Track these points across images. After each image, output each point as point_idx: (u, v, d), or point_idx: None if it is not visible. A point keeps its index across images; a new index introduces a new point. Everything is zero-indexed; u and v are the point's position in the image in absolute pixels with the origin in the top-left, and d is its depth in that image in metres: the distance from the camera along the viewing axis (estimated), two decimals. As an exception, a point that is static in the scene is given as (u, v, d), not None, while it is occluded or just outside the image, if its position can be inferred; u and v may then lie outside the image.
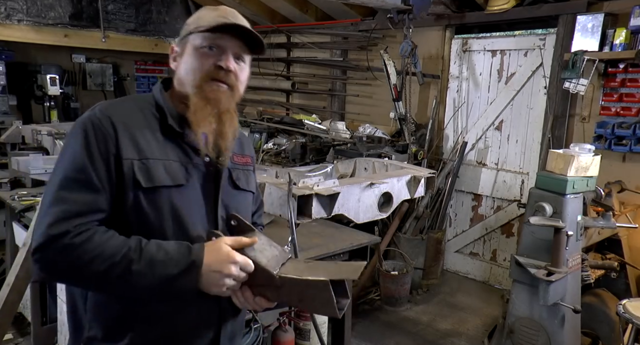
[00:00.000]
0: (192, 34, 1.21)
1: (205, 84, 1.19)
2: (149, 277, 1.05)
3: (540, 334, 2.70)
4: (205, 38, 1.18)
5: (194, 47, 1.20)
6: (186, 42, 1.22)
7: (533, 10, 3.91)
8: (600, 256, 3.27)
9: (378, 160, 3.22)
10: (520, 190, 4.27)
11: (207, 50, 1.19)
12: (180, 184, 1.16)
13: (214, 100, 1.19)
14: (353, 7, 4.94)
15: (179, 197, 1.15)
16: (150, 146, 1.15)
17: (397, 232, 4.31)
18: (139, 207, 1.12)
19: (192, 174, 1.19)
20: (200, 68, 1.19)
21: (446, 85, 4.65)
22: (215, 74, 1.19)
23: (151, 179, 1.12)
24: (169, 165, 1.16)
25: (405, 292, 4.06)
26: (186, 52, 1.22)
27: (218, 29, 1.17)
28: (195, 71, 1.19)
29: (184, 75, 1.22)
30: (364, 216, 2.40)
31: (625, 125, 3.43)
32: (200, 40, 1.19)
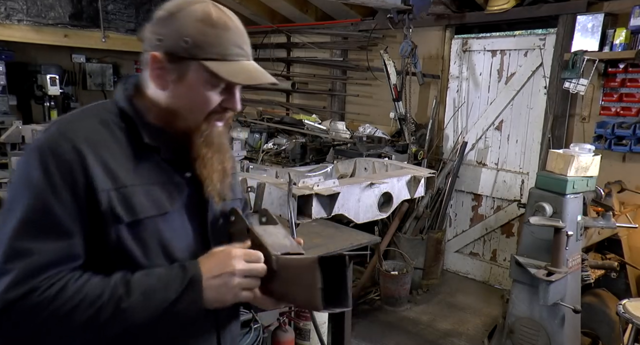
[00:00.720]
0: (198, 61, 0.98)
1: (206, 126, 1.04)
2: (144, 309, 0.93)
3: (540, 334, 2.70)
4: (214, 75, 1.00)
5: (197, 82, 1.00)
6: (187, 68, 0.99)
7: (533, 10, 3.91)
8: (600, 256, 3.27)
9: (378, 160, 3.22)
10: (520, 190, 4.27)
11: (212, 86, 1.01)
12: (165, 212, 1.01)
13: (218, 146, 1.06)
14: (353, 7, 4.93)
15: (166, 227, 1.01)
16: (125, 170, 0.98)
17: (397, 232, 4.31)
18: (122, 246, 0.96)
19: (175, 197, 1.04)
20: (206, 109, 1.03)
21: (446, 85, 4.65)
22: (221, 115, 1.06)
23: (133, 211, 0.96)
24: (150, 190, 1.00)
25: (405, 292, 4.06)
26: (187, 81, 1.00)
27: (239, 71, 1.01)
28: (200, 111, 1.03)
29: (179, 109, 1.02)
30: (364, 216, 2.41)
31: (625, 125, 3.43)
32: (208, 76, 0.99)
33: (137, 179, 0.99)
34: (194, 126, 1.03)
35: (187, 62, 0.99)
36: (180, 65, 0.99)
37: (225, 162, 1.09)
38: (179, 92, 1.01)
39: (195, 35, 0.98)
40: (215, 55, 0.98)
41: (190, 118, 1.03)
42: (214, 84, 1.00)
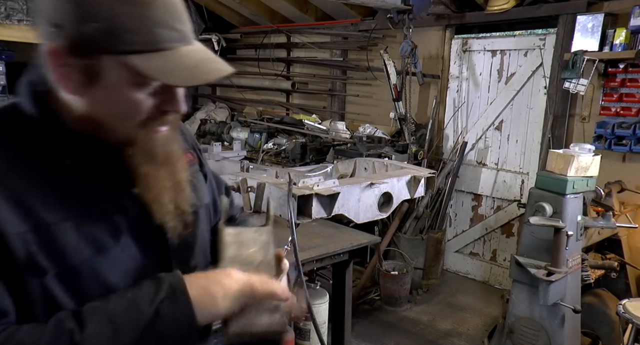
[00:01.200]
0: (114, 55, 0.71)
1: (144, 136, 0.79)
2: (111, 339, 0.70)
3: (540, 334, 2.70)
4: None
5: (124, 83, 0.73)
6: (101, 66, 0.72)
7: (533, 10, 3.91)
8: (600, 256, 3.27)
9: (378, 160, 3.22)
10: (520, 190, 4.27)
11: (140, 85, 0.74)
12: (108, 248, 0.77)
13: (165, 157, 0.82)
14: (353, 7, 4.93)
15: (110, 268, 0.77)
16: (43, 202, 0.73)
17: (397, 232, 4.31)
18: (51, 302, 0.73)
19: (120, 225, 0.79)
20: (137, 117, 0.76)
21: (446, 85, 4.65)
22: (161, 120, 0.79)
23: (60, 256, 0.72)
24: (83, 224, 0.75)
25: (405, 292, 4.06)
26: (103, 83, 0.73)
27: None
28: (129, 120, 0.76)
29: (102, 118, 0.77)
30: (364, 216, 2.41)
31: (625, 125, 3.43)
32: (131, 74, 0.72)
33: (62, 212, 0.74)
34: (126, 138, 0.78)
35: (100, 58, 0.71)
36: (91, 62, 0.72)
37: (177, 173, 0.86)
38: (96, 97, 0.74)
39: (105, 17, 0.69)
40: (137, 46, 0.70)
41: (119, 129, 0.77)
42: (142, 84, 0.74)
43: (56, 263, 0.73)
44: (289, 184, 1.55)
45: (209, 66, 0.77)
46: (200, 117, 6.41)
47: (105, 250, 0.77)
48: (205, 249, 0.98)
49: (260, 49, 6.17)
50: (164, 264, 0.86)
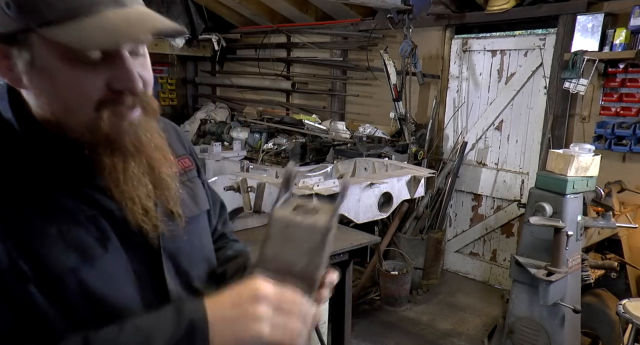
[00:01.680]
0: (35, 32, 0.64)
1: (104, 123, 0.69)
2: None
3: (540, 334, 2.70)
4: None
5: (53, 62, 0.66)
6: (29, 47, 0.65)
7: (533, 10, 3.91)
8: (600, 256, 3.27)
9: (378, 160, 3.22)
10: (520, 190, 4.27)
11: (81, 62, 0.66)
12: (96, 257, 0.72)
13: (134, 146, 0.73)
14: (353, 7, 4.93)
15: (98, 277, 0.71)
16: (22, 210, 0.68)
17: (397, 232, 4.31)
18: (33, 309, 0.67)
19: (108, 232, 0.73)
20: (86, 99, 0.68)
21: (446, 85, 4.65)
22: (117, 102, 0.70)
23: (44, 264, 0.67)
24: (69, 231, 0.70)
25: (405, 292, 4.06)
26: (37, 67, 0.66)
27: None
28: (78, 105, 0.68)
29: (53, 111, 0.70)
30: (364, 216, 2.41)
31: (625, 125, 3.43)
32: (62, 47, 0.64)
33: (47, 219, 0.69)
34: (85, 129, 0.69)
35: (25, 38, 0.65)
36: (20, 46, 0.66)
37: (157, 166, 0.77)
38: (41, 85, 0.68)
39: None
40: (53, 16, 0.62)
41: (74, 120, 0.69)
42: (78, 59, 0.65)
43: (38, 271, 0.67)
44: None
45: (142, 24, 0.66)
46: (200, 117, 6.42)
47: (92, 258, 0.71)
48: (209, 257, 0.91)
49: (260, 49, 6.17)
50: (156, 272, 0.78)
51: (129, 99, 0.70)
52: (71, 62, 0.66)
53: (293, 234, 0.69)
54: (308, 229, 0.69)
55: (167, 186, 0.79)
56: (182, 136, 0.99)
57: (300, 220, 0.69)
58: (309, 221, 0.69)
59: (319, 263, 0.69)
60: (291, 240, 0.69)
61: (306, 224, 0.69)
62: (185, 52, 6.38)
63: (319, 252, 0.69)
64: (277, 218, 0.70)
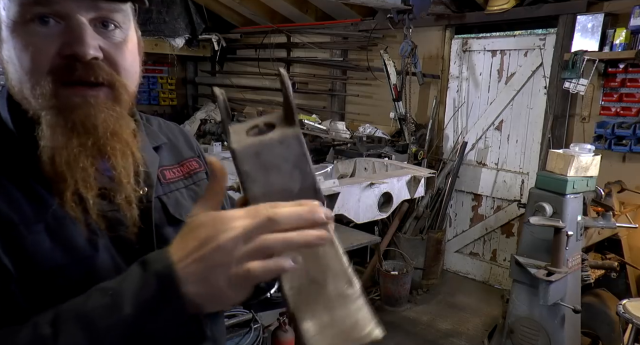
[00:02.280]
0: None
1: (54, 94, 0.66)
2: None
3: (540, 334, 2.70)
4: (26, 2, 0.64)
5: (12, 23, 0.65)
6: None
7: (533, 10, 3.91)
8: (600, 256, 3.27)
9: (378, 160, 3.22)
10: (520, 190, 4.27)
11: (38, 26, 0.65)
12: (86, 256, 0.68)
13: (82, 124, 0.67)
14: (353, 7, 4.93)
15: (85, 275, 0.67)
16: (12, 202, 0.65)
17: (397, 232, 4.30)
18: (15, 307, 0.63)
19: (99, 231, 0.70)
20: (35, 64, 0.65)
21: (446, 85, 4.65)
22: (67, 71, 0.66)
23: (29, 260, 0.64)
24: (58, 229, 0.67)
25: (405, 292, 4.06)
26: (2, 33, 0.67)
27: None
28: (28, 71, 0.66)
29: (15, 80, 0.68)
30: (364, 216, 2.41)
31: (625, 125, 3.43)
32: (17, 7, 0.64)
33: (36, 213, 0.66)
34: (38, 101, 0.66)
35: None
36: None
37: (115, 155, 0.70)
38: (3, 52, 0.67)
39: None
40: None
41: (28, 87, 0.66)
42: (27, 17, 0.64)
43: (20, 266, 0.63)
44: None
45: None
46: (200, 117, 6.42)
47: (82, 257, 0.68)
48: None
49: (260, 49, 6.17)
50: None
51: (80, 69, 0.65)
52: (25, 23, 0.64)
53: (269, 158, 0.57)
54: (280, 144, 0.57)
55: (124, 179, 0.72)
56: (191, 139, 0.95)
57: (266, 140, 0.57)
58: (274, 136, 0.58)
59: (312, 170, 0.59)
60: (271, 165, 0.57)
61: (275, 139, 0.57)
62: (185, 52, 6.38)
63: (306, 160, 0.58)
64: (242, 151, 0.57)
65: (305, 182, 0.58)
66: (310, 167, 0.59)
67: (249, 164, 0.57)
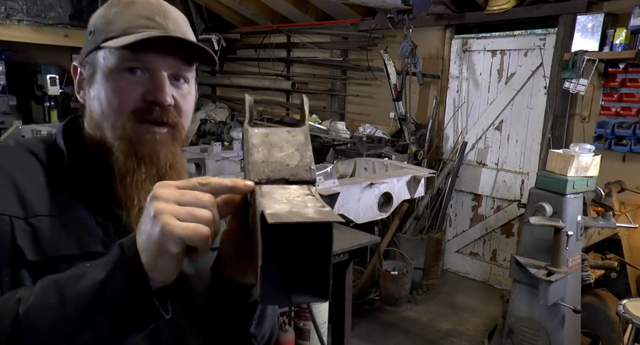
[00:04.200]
0: (102, 48, 0.80)
1: (131, 130, 0.79)
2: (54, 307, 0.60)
3: (540, 334, 2.70)
4: (123, 56, 0.78)
5: (108, 70, 0.80)
6: (95, 60, 0.81)
7: (533, 10, 3.91)
8: (600, 256, 3.27)
9: (378, 160, 3.22)
10: (520, 190, 4.27)
11: (128, 74, 0.79)
12: (95, 252, 0.74)
13: (149, 156, 0.79)
14: (353, 7, 4.93)
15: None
16: (43, 199, 0.76)
17: (397, 232, 4.30)
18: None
19: (114, 237, 0.78)
20: (123, 103, 0.79)
21: (446, 85, 4.65)
22: (146, 112, 0.80)
23: (43, 246, 0.72)
24: (74, 223, 0.76)
25: (405, 292, 4.06)
26: (97, 76, 0.81)
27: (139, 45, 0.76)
28: (114, 109, 0.79)
29: (97, 114, 0.81)
30: (364, 216, 2.41)
31: (625, 125, 3.43)
32: (115, 58, 0.79)
33: (59, 210, 0.76)
34: (119, 131, 0.79)
35: (94, 55, 0.82)
36: (90, 62, 0.83)
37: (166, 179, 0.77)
38: (92, 91, 0.82)
39: (97, 21, 0.83)
40: (114, 33, 0.79)
41: (112, 121, 0.80)
42: (121, 67, 0.79)
43: (36, 251, 0.72)
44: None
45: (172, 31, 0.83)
46: (200, 117, 6.41)
47: (93, 253, 0.74)
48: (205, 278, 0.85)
49: (260, 49, 6.17)
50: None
51: (157, 111, 0.80)
52: (119, 72, 0.79)
53: (275, 140, 0.65)
54: (287, 133, 0.67)
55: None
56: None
57: (276, 128, 0.67)
58: (285, 127, 0.68)
59: (310, 156, 0.66)
60: (276, 144, 0.65)
61: (284, 129, 0.67)
62: (185, 52, 6.37)
63: (307, 148, 0.66)
64: (253, 129, 0.66)
65: (302, 162, 0.64)
66: (310, 154, 0.65)
67: (257, 139, 0.65)
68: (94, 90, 0.82)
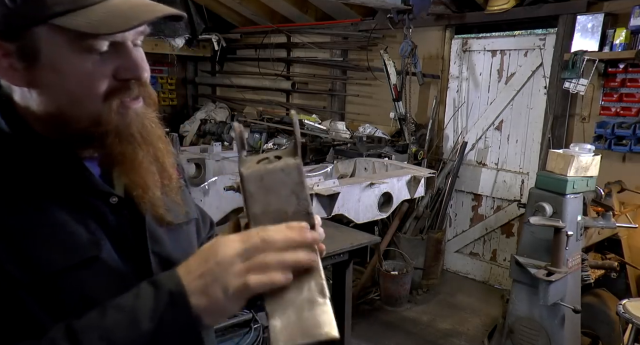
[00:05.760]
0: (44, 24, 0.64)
1: (111, 113, 0.70)
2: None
3: (540, 334, 2.70)
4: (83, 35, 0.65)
5: (65, 51, 0.66)
6: (35, 42, 0.65)
7: (533, 10, 3.91)
8: (600, 256, 3.27)
9: (378, 160, 3.22)
10: (520, 190, 4.27)
11: (91, 52, 0.67)
12: (92, 256, 0.70)
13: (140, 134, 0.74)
14: (353, 7, 4.93)
15: (94, 278, 0.69)
16: (11, 208, 0.66)
17: (397, 232, 4.30)
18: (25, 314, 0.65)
19: (99, 232, 0.73)
20: (95, 89, 0.68)
21: (446, 85, 4.65)
22: (123, 92, 0.71)
23: (34, 265, 0.65)
24: (60, 232, 0.68)
25: (405, 292, 4.06)
26: (44, 61, 0.66)
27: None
28: (88, 97, 0.68)
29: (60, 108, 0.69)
30: (364, 216, 2.41)
31: (625, 125, 3.43)
32: (73, 39, 0.65)
33: (38, 221, 0.67)
34: (92, 120, 0.69)
35: (32, 33, 0.64)
36: (25, 41, 0.65)
37: (161, 156, 0.78)
38: (45, 81, 0.67)
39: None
40: (62, 6, 0.63)
41: (81, 112, 0.69)
42: (85, 48, 0.66)
43: (30, 272, 0.65)
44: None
45: (146, 8, 0.68)
46: (200, 117, 6.41)
47: (85, 258, 0.69)
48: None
49: (260, 49, 6.17)
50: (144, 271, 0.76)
51: (135, 88, 0.72)
52: (80, 53, 0.66)
53: (270, 183, 0.67)
54: (282, 172, 0.67)
55: (170, 176, 0.80)
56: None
57: (270, 168, 0.67)
58: (278, 165, 0.68)
59: (307, 197, 0.68)
60: (271, 189, 0.67)
61: (278, 167, 0.67)
62: (185, 52, 6.38)
63: (302, 188, 0.68)
64: (249, 174, 0.67)
65: (299, 207, 0.68)
66: (306, 194, 0.69)
67: (254, 186, 0.67)
68: (44, 78, 0.67)
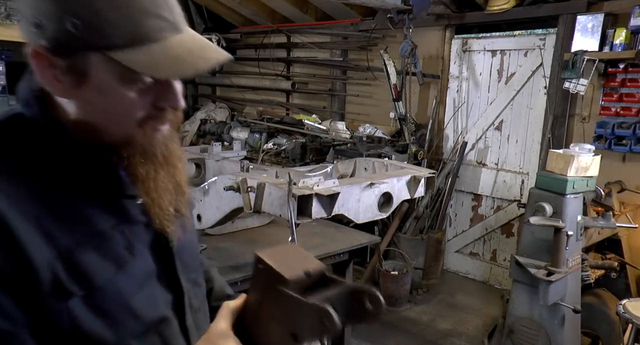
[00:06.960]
0: (99, 52, 0.67)
1: (142, 136, 0.74)
2: None
3: (540, 334, 2.70)
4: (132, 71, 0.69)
5: (113, 79, 0.69)
6: (87, 64, 0.68)
7: (533, 10, 3.91)
8: (600, 256, 3.27)
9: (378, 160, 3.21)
10: (520, 190, 4.27)
11: (137, 83, 0.70)
12: (125, 264, 0.74)
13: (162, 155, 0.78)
14: (353, 7, 4.93)
15: (127, 281, 0.74)
16: (61, 222, 0.69)
17: (397, 232, 4.30)
18: (80, 327, 0.68)
19: (133, 237, 0.77)
20: (133, 116, 0.72)
21: (446, 85, 4.65)
22: (158, 118, 0.75)
23: (87, 277, 0.69)
24: (102, 241, 0.72)
25: (405, 292, 4.06)
26: (91, 82, 0.69)
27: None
28: (125, 121, 0.72)
29: (96, 121, 0.72)
30: (364, 216, 2.40)
31: (625, 125, 3.43)
32: (122, 71, 0.68)
33: (81, 231, 0.70)
34: (124, 139, 0.73)
35: (85, 56, 0.67)
36: (77, 61, 0.68)
37: (178, 175, 0.82)
38: (87, 99, 0.70)
39: (85, 11, 0.65)
40: (121, 40, 0.66)
41: (116, 131, 0.73)
42: (132, 80, 0.69)
43: (82, 285, 0.68)
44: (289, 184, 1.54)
45: (201, 55, 0.72)
46: (200, 117, 6.41)
47: (124, 265, 0.74)
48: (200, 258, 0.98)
49: (260, 49, 6.17)
50: (169, 269, 0.83)
51: (170, 115, 0.76)
52: (127, 84, 0.70)
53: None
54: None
55: (183, 193, 0.85)
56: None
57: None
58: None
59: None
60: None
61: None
62: (185, 52, 6.37)
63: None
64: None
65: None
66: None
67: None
68: (87, 99, 0.71)
